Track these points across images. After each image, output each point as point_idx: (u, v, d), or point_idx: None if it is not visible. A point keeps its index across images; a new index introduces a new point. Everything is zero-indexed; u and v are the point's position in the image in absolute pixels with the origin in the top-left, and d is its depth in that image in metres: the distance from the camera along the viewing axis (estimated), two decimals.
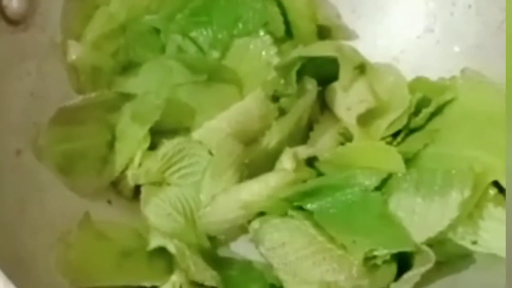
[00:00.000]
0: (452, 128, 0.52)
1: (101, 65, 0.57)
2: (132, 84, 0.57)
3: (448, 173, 0.48)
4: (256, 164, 0.53)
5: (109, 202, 0.55)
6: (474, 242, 0.49)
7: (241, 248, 0.54)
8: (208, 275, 0.49)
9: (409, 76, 0.58)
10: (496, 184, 0.49)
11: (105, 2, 0.58)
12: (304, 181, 0.52)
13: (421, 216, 0.48)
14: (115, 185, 0.55)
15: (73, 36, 0.56)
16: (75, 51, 0.55)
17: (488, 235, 0.49)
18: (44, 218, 0.50)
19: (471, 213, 0.48)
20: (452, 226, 0.48)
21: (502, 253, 0.48)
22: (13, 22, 0.52)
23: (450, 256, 0.50)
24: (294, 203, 0.51)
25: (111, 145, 0.55)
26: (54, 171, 0.52)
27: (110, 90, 0.56)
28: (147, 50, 0.59)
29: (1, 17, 0.51)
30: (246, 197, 0.51)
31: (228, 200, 0.51)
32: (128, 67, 0.58)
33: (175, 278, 0.48)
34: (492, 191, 0.49)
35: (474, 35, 0.58)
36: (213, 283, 0.50)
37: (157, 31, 0.59)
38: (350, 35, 0.62)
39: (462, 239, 0.49)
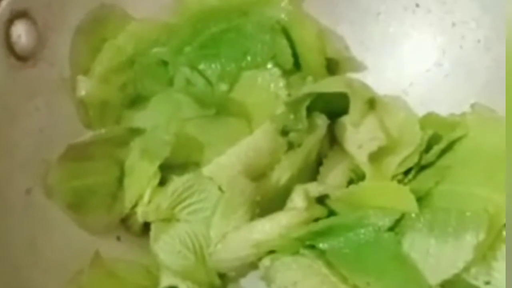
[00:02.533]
0: (464, 165, 0.52)
1: (109, 99, 0.57)
2: (140, 118, 0.57)
3: (462, 214, 0.48)
4: (267, 201, 0.53)
5: (118, 238, 0.55)
6: (487, 283, 0.49)
7: (251, 285, 0.54)
8: None
9: (418, 109, 0.58)
10: None
11: (113, 35, 0.57)
12: (316, 219, 0.51)
13: (435, 258, 0.48)
14: (125, 221, 0.55)
15: (82, 70, 0.56)
16: (84, 86, 0.55)
17: (501, 276, 0.48)
18: (54, 257, 0.50)
19: (484, 254, 0.48)
20: (466, 268, 0.48)
21: None
22: (22, 58, 0.51)
23: None
24: (306, 242, 0.51)
25: (120, 181, 0.55)
26: (64, 208, 0.52)
27: (119, 125, 0.56)
28: (156, 83, 0.59)
29: (10, 54, 0.50)
30: (257, 236, 0.50)
31: (239, 238, 0.51)
32: (136, 101, 0.58)
33: None
34: (505, 232, 0.49)
35: (484, 69, 0.58)
36: None
37: (165, 63, 0.59)
38: (359, 67, 0.62)
39: (475, 279, 0.49)
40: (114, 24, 0.57)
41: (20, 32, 0.51)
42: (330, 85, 0.55)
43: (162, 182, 0.55)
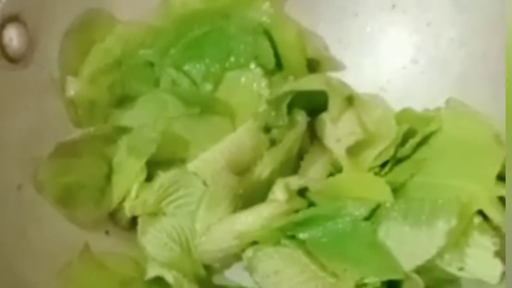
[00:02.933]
0: (438, 158, 0.54)
1: (98, 99, 0.59)
2: (128, 117, 0.59)
3: (435, 202, 0.50)
4: (249, 195, 0.55)
5: (107, 232, 0.57)
6: (461, 268, 0.51)
7: (235, 276, 0.56)
8: None
9: (396, 105, 0.60)
10: (481, 212, 0.51)
11: (101, 38, 0.60)
12: (296, 211, 0.53)
13: (410, 245, 0.50)
14: (113, 216, 0.57)
15: (71, 71, 0.58)
16: (73, 87, 0.57)
17: (474, 262, 0.50)
18: (44, 249, 0.52)
19: (457, 240, 0.50)
20: (440, 254, 0.50)
21: (487, 278, 0.50)
22: (14, 60, 0.53)
23: (438, 282, 0.52)
24: (287, 233, 0.53)
25: (108, 177, 0.57)
26: (54, 203, 0.54)
27: (107, 124, 0.58)
28: (142, 83, 0.61)
29: (2, 56, 0.52)
30: (240, 228, 0.52)
31: (223, 230, 0.53)
32: (124, 100, 0.60)
33: None
34: (477, 220, 0.50)
35: (458, 66, 0.60)
36: None
37: (151, 65, 0.61)
38: (338, 66, 0.64)
39: (449, 265, 0.51)
40: (101, 27, 0.60)
41: (12, 35, 0.53)
42: (309, 83, 0.57)
43: (149, 178, 0.57)
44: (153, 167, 0.57)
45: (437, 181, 0.52)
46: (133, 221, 0.57)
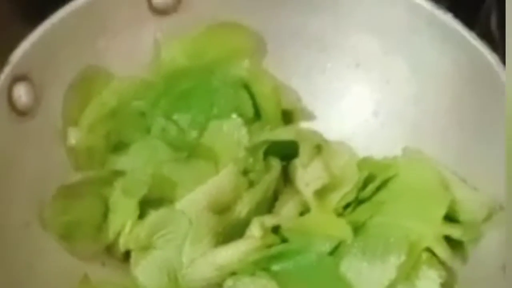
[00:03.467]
0: (394, 201, 0.61)
1: (95, 146, 0.64)
2: (122, 161, 0.65)
3: (387, 240, 0.58)
4: (229, 231, 0.62)
5: (103, 264, 0.62)
6: None
7: None
8: None
9: (359, 153, 0.67)
10: (429, 249, 0.58)
11: (99, 91, 0.66)
12: (270, 246, 0.60)
13: (367, 277, 0.57)
14: (109, 249, 0.63)
15: (72, 122, 0.64)
16: (74, 136, 0.63)
17: None
18: (49, 279, 0.57)
19: (408, 273, 0.57)
20: (392, 286, 0.57)
21: None
22: (22, 114, 0.59)
23: None
24: (262, 265, 0.59)
25: (105, 215, 0.63)
26: (57, 238, 0.60)
27: (104, 168, 0.64)
28: (135, 131, 0.66)
29: (12, 110, 0.58)
30: (220, 261, 0.59)
31: (205, 263, 0.59)
32: (119, 147, 0.66)
33: None
34: (426, 255, 0.58)
35: (413, 119, 0.67)
36: None
37: (143, 114, 0.67)
38: (310, 116, 0.71)
39: None
40: (99, 82, 0.66)
41: (21, 93, 0.59)
42: (283, 133, 0.65)
43: (141, 216, 0.63)
44: (145, 206, 0.63)
45: (392, 221, 0.60)
46: (127, 253, 0.63)
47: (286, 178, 0.67)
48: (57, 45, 0.62)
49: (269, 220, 0.62)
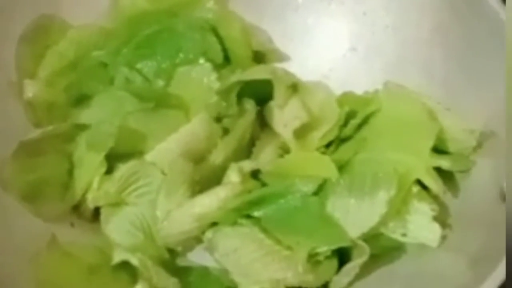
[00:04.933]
0: (378, 136, 0.58)
1: (55, 100, 0.61)
2: (85, 115, 0.62)
3: (375, 175, 0.54)
4: (205, 180, 0.58)
5: (72, 224, 0.59)
6: (404, 234, 0.55)
7: (197, 257, 0.59)
8: (170, 283, 0.54)
9: (339, 91, 0.64)
10: (419, 182, 0.55)
11: (55, 42, 0.62)
12: (250, 191, 0.57)
13: (355, 215, 0.54)
14: (77, 208, 0.59)
15: (28, 75, 0.60)
16: (31, 89, 0.59)
17: (415, 227, 0.55)
18: (13, 243, 0.54)
19: (398, 209, 0.54)
20: (383, 222, 0.54)
21: (428, 242, 0.54)
22: None
23: (384, 249, 0.55)
24: (243, 212, 0.56)
25: (70, 172, 0.59)
26: (20, 199, 0.56)
27: (66, 122, 0.60)
28: (97, 83, 0.63)
29: None
30: (199, 210, 0.56)
31: (183, 213, 0.56)
32: (81, 100, 0.62)
33: (140, 286, 0.53)
34: (415, 188, 0.55)
35: (393, 51, 0.64)
36: None
37: (105, 65, 0.64)
38: (283, 57, 0.68)
39: (393, 232, 0.55)
40: (55, 31, 0.62)
41: None
42: (256, 73, 0.61)
43: (109, 171, 0.59)
44: (113, 160, 0.59)
45: (378, 156, 0.56)
46: (96, 213, 0.59)
47: (262, 122, 0.63)
48: None
49: (248, 165, 0.59)
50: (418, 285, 0.54)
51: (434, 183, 0.55)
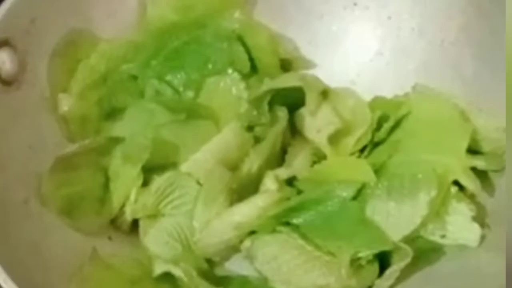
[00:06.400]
0: (411, 138, 0.58)
1: (88, 114, 0.61)
2: (118, 128, 0.62)
3: (414, 177, 0.54)
4: (242, 189, 0.58)
5: (110, 238, 0.59)
6: (443, 236, 0.55)
7: (236, 266, 0.59)
8: None
9: (367, 96, 0.64)
10: (456, 182, 0.55)
11: (86, 55, 0.62)
12: (288, 199, 0.57)
13: (395, 218, 0.54)
14: (114, 222, 0.59)
15: (60, 89, 0.61)
16: (66, 103, 0.60)
17: (454, 228, 0.55)
18: (54, 258, 0.54)
19: (438, 210, 0.55)
20: (423, 224, 0.54)
21: (467, 242, 0.55)
22: (7, 83, 0.56)
23: (423, 251, 0.55)
24: (282, 220, 0.56)
25: (106, 186, 0.59)
26: (58, 214, 0.56)
27: (100, 136, 0.61)
28: (128, 96, 0.63)
29: None
30: (238, 219, 0.56)
31: (222, 223, 0.56)
32: (112, 113, 0.63)
33: None
34: (454, 189, 0.55)
35: (420, 53, 0.65)
36: None
37: (135, 78, 0.64)
38: (309, 64, 0.68)
39: (432, 234, 0.55)
40: (85, 45, 0.63)
41: (4, 59, 0.56)
42: (286, 80, 0.61)
43: (145, 184, 0.59)
44: (148, 173, 0.59)
45: (413, 158, 0.57)
46: (133, 225, 0.60)
47: (293, 129, 0.64)
48: (38, 8, 0.58)
49: (284, 172, 0.59)
50: (459, 285, 0.54)
51: (472, 183, 0.55)
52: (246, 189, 0.59)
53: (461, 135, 0.56)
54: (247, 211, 0.56)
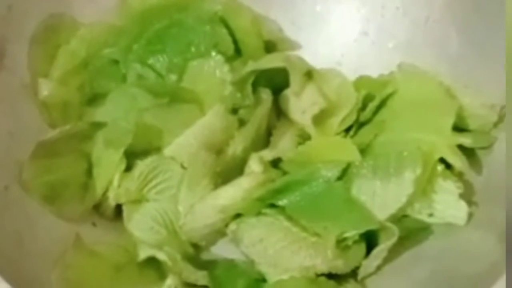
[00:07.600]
0: (397, 117, 0.58)
1: (69, 99, 0.61)
2: (100, 113, 0.61)
3: (400, 155, 0.54)
4: (226, 172, 0.58)
5: (94, 224, 0.58)
6: (430, 215, 0.55)
7: (222, 250, 0.58)
8: (199, 275, 0.54)
9: (352, 76, 0.63)
10: (443, 161, 0.55)
11: (66, 41, 0.62)
12: (273, 180, 0.56)
13: (381, 197, 0.54)
14: (98, 208, 0.59)
15: (40, 75, 0.60)
16: (46, 88, 0.59)
17: (441, 206, 0.54)
18: (38, 245, 0.53)
19: (424, 189, 0.54)
20: (410, 202, 0.53)
21: (455, 220, 0.54)
22: None
23: (411, 231, 0.55)
24: (267, 202, 0.55)
25: (89, 172, 0.59)
26: (40, 201, 0.55)
27: (82, 121, 0.60)
28: (110, 80, 0.63)
29: None
30: (223, 202, 0.55)
31: (206, 206, 0.55)
32: (94, 98, 0.62)
33: (170, 281, 0.52)
34: (440, 167, 0.54)
35: (404, 32, 0.64)
36: (204, 282, 0.54)
37: (116, 62, 0.63)
38: (294, 45, 0.67)
39: (419, 213, 0.55)
40: (65, 30, 0.62)
41: None
42: (270, 61, 0.61)
43: (129, 168, 0.59)
44: (131, 157, 0.59)
45: (399, 137, 0.56)
46: (117, 211, 0.59)
47: (277, 111, 0.63)
48: None
49: (268, 154, 0.58)
50: (448, 264, 0.53)
51: (459, 161, 0.54)
52: (231, 172, 0.58)
53: (446, 113, 0.56)
54: (232, 193, 0.55)
